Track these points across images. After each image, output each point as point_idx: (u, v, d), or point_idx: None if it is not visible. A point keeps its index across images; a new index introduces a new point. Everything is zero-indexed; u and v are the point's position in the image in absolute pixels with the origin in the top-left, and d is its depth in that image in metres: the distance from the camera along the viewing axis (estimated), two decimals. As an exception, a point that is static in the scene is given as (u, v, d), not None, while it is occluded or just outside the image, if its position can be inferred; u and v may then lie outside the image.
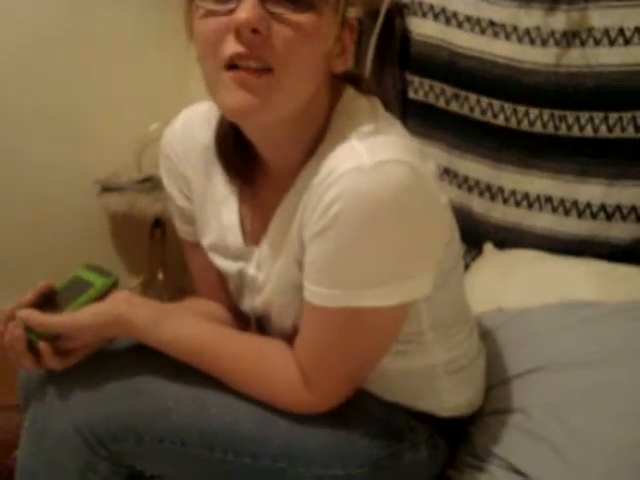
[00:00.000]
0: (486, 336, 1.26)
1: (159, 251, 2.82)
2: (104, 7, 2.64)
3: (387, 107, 0.97)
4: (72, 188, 2.67)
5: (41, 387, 0.93)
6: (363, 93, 0.96)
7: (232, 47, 0.81)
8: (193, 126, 1.07)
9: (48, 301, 0.95)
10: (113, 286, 0.97)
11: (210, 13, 0.82)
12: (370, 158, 0.81)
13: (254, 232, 1.03)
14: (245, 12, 0.79)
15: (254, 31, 0.80)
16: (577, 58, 1.73)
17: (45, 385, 0.92)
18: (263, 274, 1.01)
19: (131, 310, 0.93)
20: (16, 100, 2.46)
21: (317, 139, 0.92)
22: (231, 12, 0.80)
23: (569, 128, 1.75)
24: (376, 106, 0.94)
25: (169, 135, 1.11)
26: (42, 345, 0.89)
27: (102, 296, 0.95)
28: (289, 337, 0.97)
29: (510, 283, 1.62)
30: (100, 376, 0.92)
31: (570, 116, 1.74)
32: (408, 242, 0.84)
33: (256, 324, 1.11)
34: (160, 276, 2.81)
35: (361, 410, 0.99)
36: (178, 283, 2.91)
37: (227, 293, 1.13)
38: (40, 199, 2.59)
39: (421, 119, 2.00)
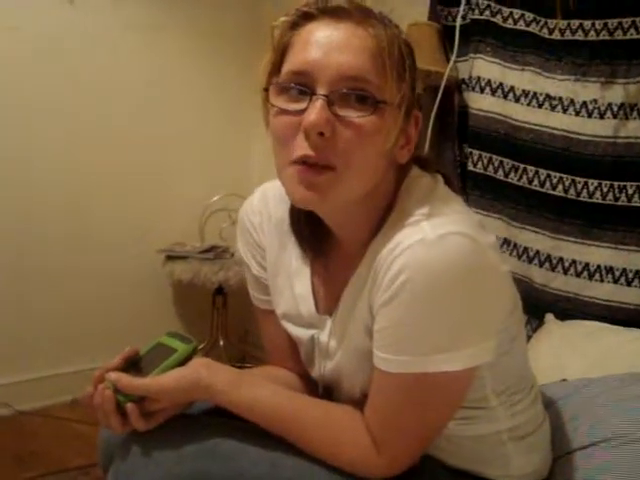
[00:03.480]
0: (550, 406, 1.26)
1: (221, 318, 2.88)
2: (173, 84, 2.80)
3: (449, 183, 1.02)
4: (138, 257, 2.78)
5: (124, 446, 0.96)
6: (427, 171, 1.02)
7: (301, 149, 0.87)
8: (269, 200, 1.14)
9: (133, 365, 1.00)
10: (194, 352, 1.02)
11: (283, 112, 0.90)
12: (432, 232, 0.86)
13: (326, 302, 1.07)
14: (314, 115, 0.85)
15: (320, 133, 0.87)
16: (636, 129, 1.76)
17: (128, 444, 0.96)
18: (335, 342, 1.05)
19: (211, 375, 0.97)
20: (83, 173, 2.60)
21: (384, 216, 0.97)
22: (301, 112, 0.88)
23: (629, 198, 1.77)
24: (438, 183, 0.99)
25: (247, 207, 1.17)
26: (130, 406, 0.94)
27: (184, 361, 1.00)
28: (358, 404, 1.00)
29: (573, 354, 1.62)
30: (180, 438, 0.95)
31: (630, 187, 1.76)
32: (470, 310, 0.87)
33: (324, 391, 1.14)
34: (221, 342, 2.86)
35: (428, 477, 1.00)
36: (238, 350, 2.96)
37: (297, 361, 1.17)
38: (107, 267, 2.71)
39: (480, 191, 2.04)
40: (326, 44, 0.87)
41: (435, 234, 0.85)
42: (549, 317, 1.85)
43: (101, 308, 2.70)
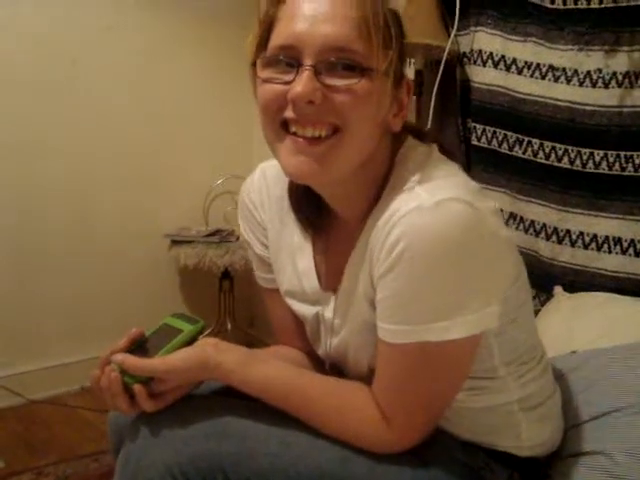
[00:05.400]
0: (560, 378, 1.25)
1: (227, 303, 2.88)
2: (174, 67, 2.78)
3: (447, 152, 1.01)
4: (143, 242, 2.78)
5: (133, 428, 0.96)
6: (423, 141, 1.01)
7: (287, 113, 0.89)
8: (268, 178, 1.14)
9: (139, 347, 0.99)
10: (200, 332, 1.02)
11: (269, 80, 0.90)
12: (429, 198, 0.85)
13: (329, 278, 1.07)
14: (301, 86, 0.85)
15: (310, 102, 0.86)
16: (641, 98, 1.74)
17: (137, 426, 0.96)
18: (340, 318, 1.04)
19: (219, 354, 0.97)
20: (88, 158, 2.59)
21: (381, 187, 0.97)
22: (288, 83, 0.88)
23: (636, 168, 1.74)
24: (433, 152, 0.99)
25: (247, 186, 1.17)
26: (137, 387, 0.93)
27: (190, 342, 0.99)
28: (365, 379, 0.99)
29: (582, 326, 1.61)
30: (189, 418, 0.95)
31: (637, 156, 1.74)
32: (470, 276, 0.87)
33: (331, 369, 1.14)
34: (228, 327, 2.86)
35: (440, 450, 1.00)
36: (246, 334, 2.96)
37: (305, 339, 1.17)
38: (113, 253, 2.71)
39: (485, 165, 2.02)
40: (311, 16, 0.87)
41: (431, 201, 0.84)
42: (557, 290, 1.84)
43: (108, 295, 2.70)
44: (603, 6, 1.76)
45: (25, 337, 2.51)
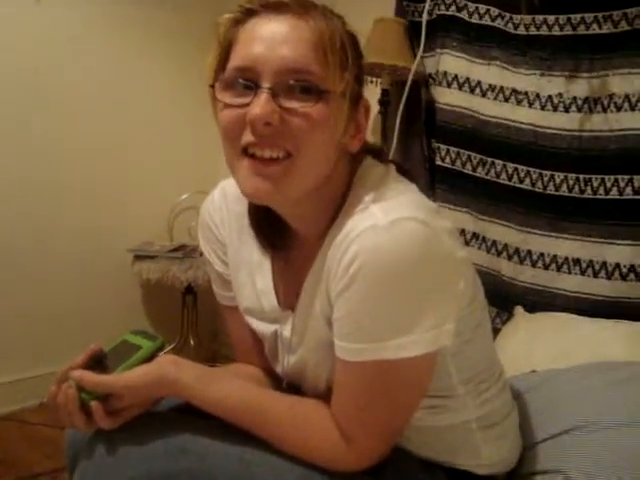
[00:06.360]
0: (518, 398, 1.26)
1: (191, 318, 2.86)
2: (140, 82, 2.78)
3: (405, 172, 1.02)
4: (106, 257, 2.75)
5: (90, 446, 0.95)
6: (381, 161, 1.02)
7: (247, 137, 0.89)
8: (228, 196, 1.14)
9: (97, 363, 0.98)
10: (159, 349, 1.01)
11: (229, 106, 0.91)
12: (384, 217, 0.86)
13: (287, 296, 1.07)
14: (258, 108, 0.86)
15: (267, 123, 0.87)
16: (600, 123, 1.78)
17: (94, 444, 0.94)
18: (297, 336, 1.04)
19: (178, 371, 0.96)
20: (52, 171, 2.57)
21: (339, 206, 0.97)
22: (247, 106, 0.88)
23: (595, 191, 1.78)
24: (391, 171, 1.00)
25: (207, 204, 1.17)
26: (94, 404, 0.92)
27: (149, 358, 0.98)
28: (323, 397, 0.99)
29: (541, 346, 1.64)
30: (147, 435, 0.93)
31: (595, 180, 1.78)
32: (424, 295, 0.87)
33: (288, 387, 1.13)
34: (192, 342, 2.84)
35: (399, 469, 1.00)
36: (209, 349, 2.94)
37: (263, 357, 1.17)
38: (75, 267, 2.68)
39: (449, 185, 2.05)
40: (268, 38, 0.88)
41: (386, 220, 0.85)
42: (518, 310, 1.87)
43: (70, 309, 2.67)
44: (564, 33, 1.80)
45: (-18, 351, 2.47)
